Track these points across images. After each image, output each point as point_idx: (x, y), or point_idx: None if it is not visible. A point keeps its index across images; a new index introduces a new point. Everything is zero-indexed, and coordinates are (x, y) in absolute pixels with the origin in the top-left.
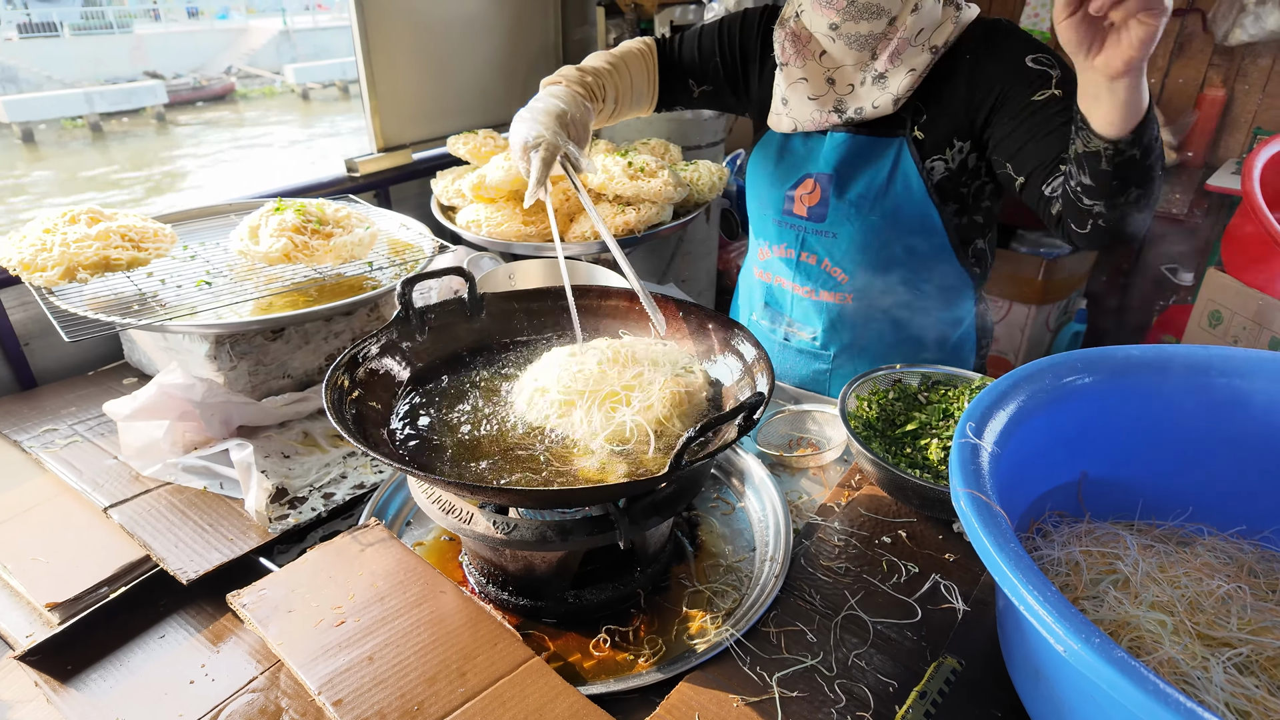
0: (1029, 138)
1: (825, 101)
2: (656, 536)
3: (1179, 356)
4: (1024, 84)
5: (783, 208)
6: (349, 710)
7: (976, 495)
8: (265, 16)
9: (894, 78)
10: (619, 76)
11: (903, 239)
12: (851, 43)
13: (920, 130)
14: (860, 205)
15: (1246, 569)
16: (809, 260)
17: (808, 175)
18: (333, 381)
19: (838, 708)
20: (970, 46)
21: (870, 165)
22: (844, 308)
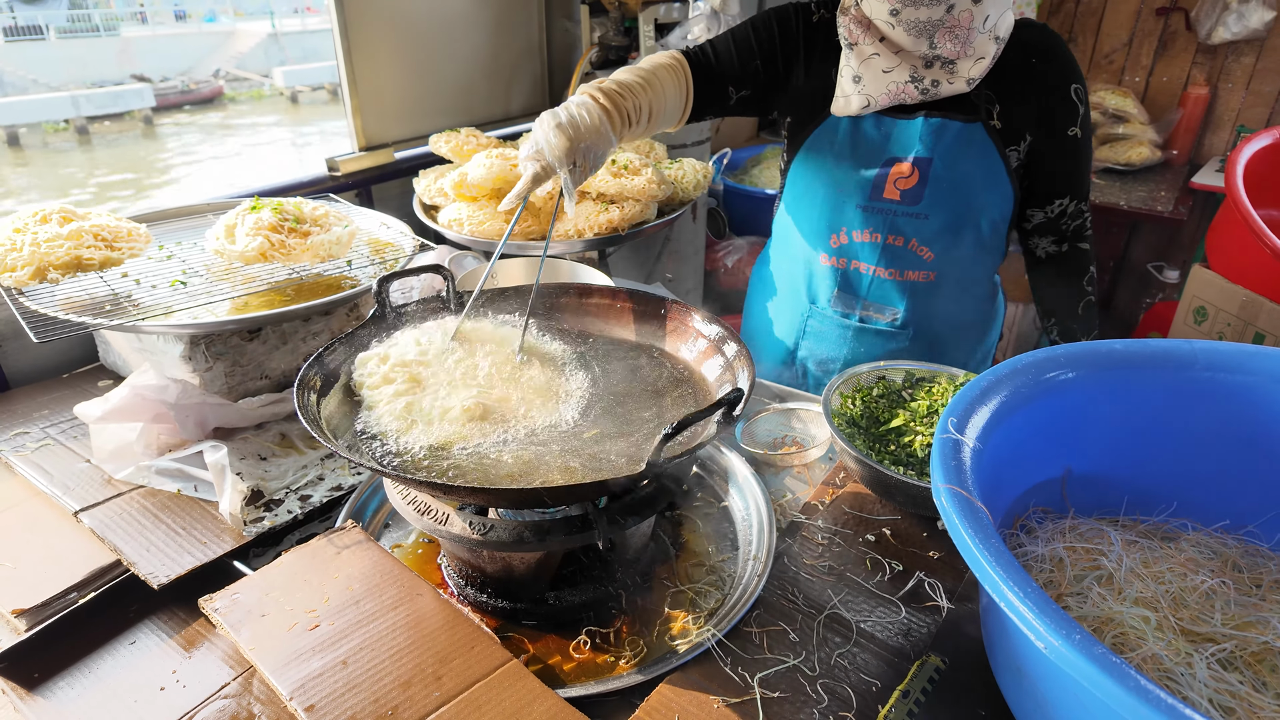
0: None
1: (900, 74)
2: (638, 536)
3: (1163, 351)
4: (1066, 111)
5: (870, 193)
6: (321, 716)
7: (957, 491)
8: (253, 19)
9: (963, 63)
10: (653, 93)
11: (983, 217)
12: (910, 28)
13: (998, 120)
14: (956, 187)
15: (1230, 564)
16: (895, 242)
17: (897, 159)
18: (305, 381)
19: (820, 708)
20: (1032, 49)
21: (962, 148)
22: (927, 285)
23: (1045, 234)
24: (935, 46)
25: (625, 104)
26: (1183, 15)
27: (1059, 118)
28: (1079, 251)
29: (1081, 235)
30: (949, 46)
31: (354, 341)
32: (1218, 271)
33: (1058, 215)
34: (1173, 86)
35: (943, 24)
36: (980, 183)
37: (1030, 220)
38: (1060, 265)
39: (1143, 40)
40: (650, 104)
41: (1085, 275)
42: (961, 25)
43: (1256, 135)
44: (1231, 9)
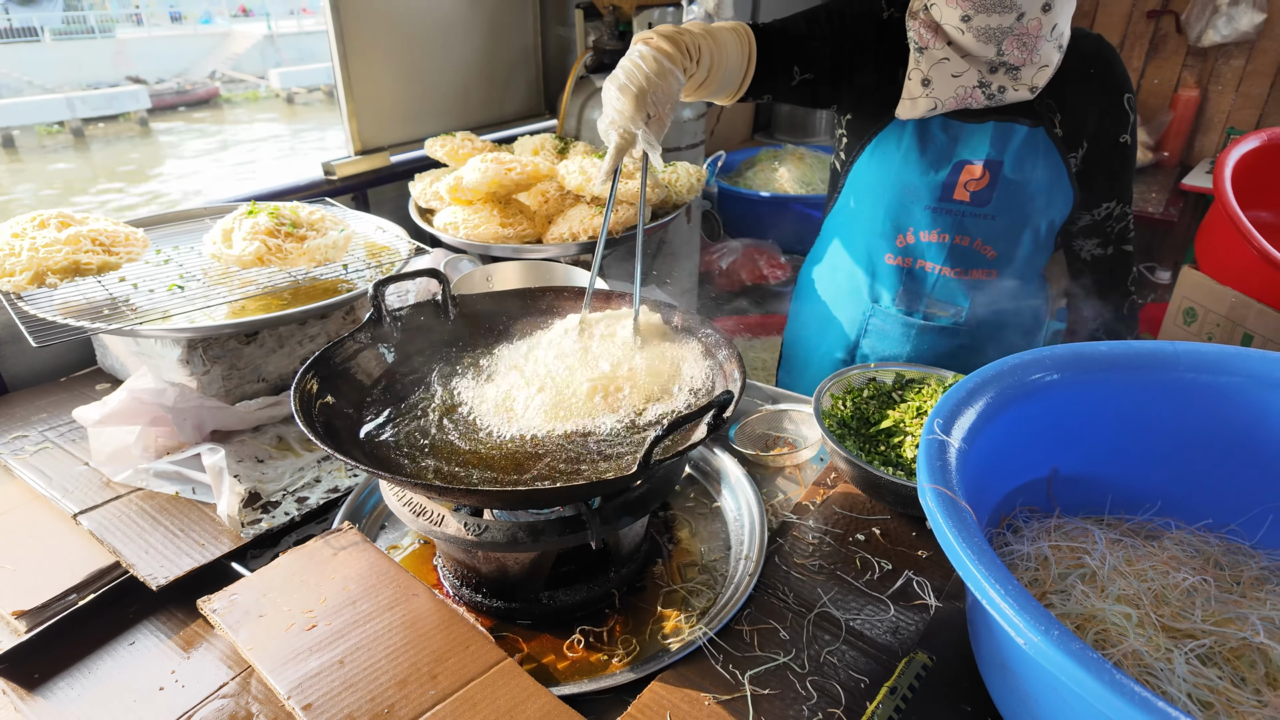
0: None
1: (969, 78)
2: (631, 537)
3: (1146, 353)
4: (1118, 119)
5: (939, 194)
6: (319, 714)
7: (942, 491)
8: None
9: (1027, 70)
10: (713, 41)
11: (1044, 219)
12: (980, 35)
13: (1060, 128)
14: (1023, 190)
15: (1213, 561)
16: (962, 242)
17: (967, 161)
18: (302, 385)
19: (809, 704)
20: (1092, 59)
21: (1028, 153)
22: (988, 284)
23: (1091, 236)
24: (1003, 53)
25: (683, 39)
26: (1173, 18)
27: (1112, 125)
28: (1123, 254)
29: (1125, 238)
30: (1016, 54)
31: (350, 344)
32: (1207, 273)
33: (1104, 219)
34: (1164, 89)
35: (1012, 31)
36: (1045, 186)
37: (1077, 223)
38: (1105, 267)
39: (1134, 42)
40: (711, 51)
41: (1129, 276)
42: (1030, 33)
43: (1245, 138)
44: (1221, 12)
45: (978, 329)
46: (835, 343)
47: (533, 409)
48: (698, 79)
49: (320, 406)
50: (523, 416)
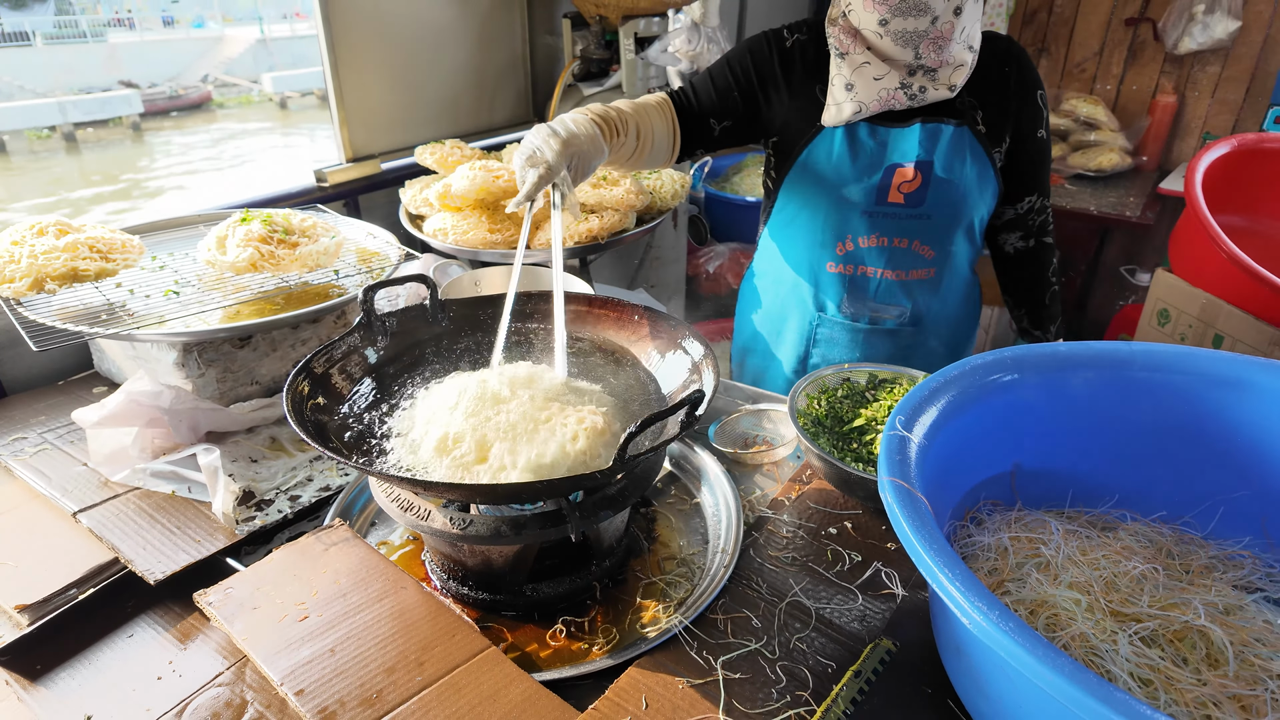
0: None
1: (890, 80)
2: (611, 531)
3: (1103, 353)
4: (1033, 114)
5: (875, 198)
6: (310, 700)
7: (899, 483)
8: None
9: (944, 71)
10: (640, 117)
11: (975, 215)
12: (897, 38)
13: (983, 125)
14: (954, 188)
15: (1164, 551)
16: (900, 244)
17: (898, 165)
18: (294, 387)
19: (778, 688)
20: (1005, 59)
21: (956, 151)
22: (928, 282)
23: (1014, 229)
24: (920, 56)
25: (612, 117)
26: (1151, 25)
27: (1029, 120)
28: (1044, 246)
29: (1045, 230)
30: (932, 56)
31: (340, 348)
32: (1179, 275)
33: (1026, 212)
34: (1142, 95)
35: (927, 34)
36: (975, 182)
37: (1001, 217)
38: (1028, 259)
39: (1113, 50)
40: (638, 126)
41: (1050, 267)
42: (944, 36)
43: (1215, 144)
44: (1197, 20)
45: (922, 328)
46: (787, 354)
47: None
48: (629, 148)
49: (311, 407)
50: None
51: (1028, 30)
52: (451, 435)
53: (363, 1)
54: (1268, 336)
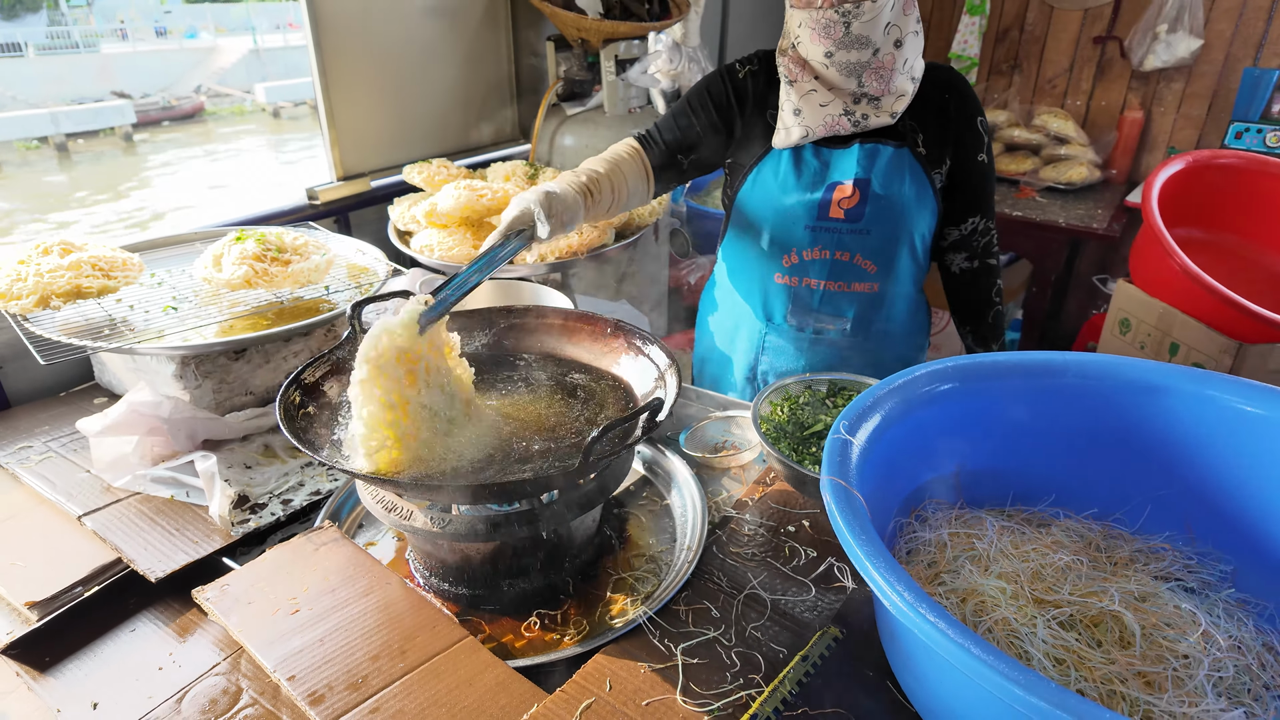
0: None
1: (834, 108)
2: (583, 531)
3: (1037, 363)
4: (974, 139)
5: (817, 214)
6: (301, 685)
7: (838, 481)
8: (235, 35)
9: (886, 99)
10: (615, 175)
11: (916, 233)
12: (842, 69)
13: (923, 147)
14: (892, 205)
15: (1093, 545)
16: (842, 258)
17: (838, 182)
18: (286, 397)
19: (732, 671)
20: (945, 87)
21: (894, 171)
22: (871, 296)
23: (959, 250)
24: (863, 85)
25: (583, 179)
26: (1118, 44)
27: (969, 145)
28: (988, 267)
29: (990, 252)
30: (875, 85)
31: (330, 360)
32: (1139, 286)
33: (970, 233)
34: (1111, 110)
35: (869, 65)
36: (913, 201)
37: (947, 238)
38: (973, 280)
39: (1082, 67)
40: (612, 184)
41: (994, 288)
42: (885, 67)
43: (1171, 160)
44: (1160, 38)
45: (866, 339)
46: (739, 361)
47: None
48: (604, 204)
49: (302, 416)
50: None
51: (1000, 48)
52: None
53: (353, 26)
54: (1219, 345)
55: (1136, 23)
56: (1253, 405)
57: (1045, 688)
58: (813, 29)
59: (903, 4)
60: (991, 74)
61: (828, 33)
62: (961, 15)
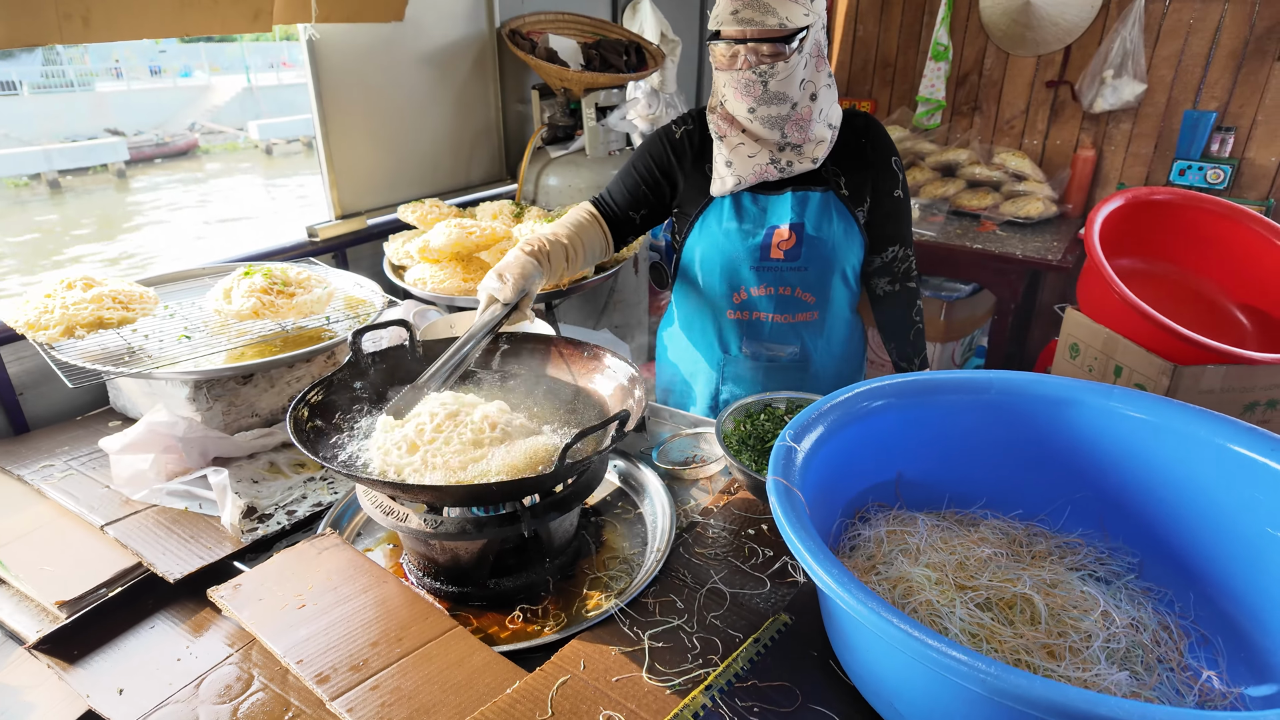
0: (877, 223)
1: (761, 157)
2: (562, 533)
3: (964, 381)
4: (888, 178)
5: (759, 255)
6: (308, 667)
7: (782, 481)
8: (229, 74)
9: (807, 146)
10: (578, 239)
11: (846, 265)
12: (765, 122)
13: (845, 189)
14: (822, 243)
15: (1015, 541)
16: (785, 292)
17: (775, 226)
18: (295, 412)
19: (693, 653)
20: (862, 133)
21: (823, 213)
22: (812, 324)
23: (882, 275)
24: (786, 136)
25: (549, 250)
26: (1069, 87)
27: (885, 183)
28: (908, 290)
29: (909, 276)
30: (796, 134)
31: (331, 384)
32: (1085, 313)
33: (890, 260)
34: (1065, 149)
35: (789, 118)
36: (841, 238)
37: (871, 265)
38: (894, 301)
39: (1037, 109)
40: (568, 247)
41: (914, 308)
42: (804, 118)
43: (1110, 198)
44: (1107, 83)
45: (813, 362)
46: (702, 390)
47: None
48: (559, 270)
49: (310, 429)
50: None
51: (961, 90)
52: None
53: (351, 76)
54: (1158, 367)
55: (1085, 68)
56: (1148, 414)
57: (945, 642)
58: (735, 88)
59: (815, 61)
60: (954, 115)
61: (749, 91)
62: (927, 61)
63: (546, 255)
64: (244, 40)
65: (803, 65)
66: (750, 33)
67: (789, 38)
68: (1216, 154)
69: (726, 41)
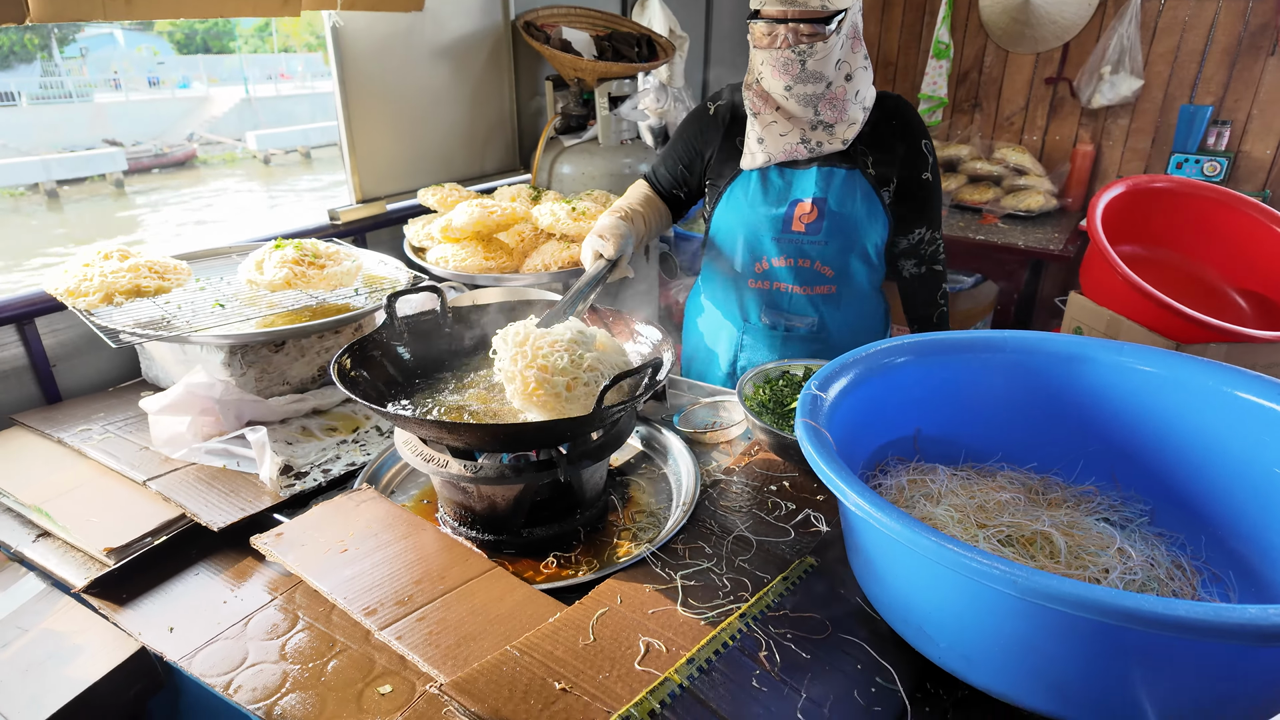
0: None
1: (792, 137)
2: (593, 485)
3: (979, 339)
4: (918, 160)
5: (781, 227)
6: (355, 602)
7: (810, 422)
8: (227, 85)
9: (839, 126)
10: (649, 210)
11: (868, 242)
12: (800, 100)
13: (873, 169)
14: (845, 219)
15: (1031, 490)
16: (804, 264)
17: (799, 200)
18: (339, 362)
19: (723, 591)
20: (893, 114)
21: (847, 190)
22: (831, 297)
23: (909, 257)
24: (819, 114)
25: (633, 217)
26: (1068, 84)
27: (914, 165)
28: (934, 272)
29: (936, 259)
30: (829, 113)
31: (368, 343)
32: (1088, 297)
33: (917, 242)
34: (1064, 144)
35: (824, 96)
36: (864, 215)
37: (898, 246)
38: (920, 283)
39: (1037, 105)
40: (646, 216)
41: (939, 291)
42: (838, 97)
43: (1112, 184)
44: (1105, 79)
45: (830, 335)
46: (722, 357)
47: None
48: (640, 234)
49: (351, 378)
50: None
51: (962, 88)
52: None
53: (373, 65)
54: (1160, 346)
55: (1083, 65)
56: (1157, 368)
57: (964, 547)
58: (773, 66)
59: (851, 43)
60: (955, 112)
61: (786, 69)
62: (928, 59)
63: (632, 220)
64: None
65: (839, 46)
66: (791, 13)
67: (828, 19)
68: (1213, 147)
69: (767, 21)
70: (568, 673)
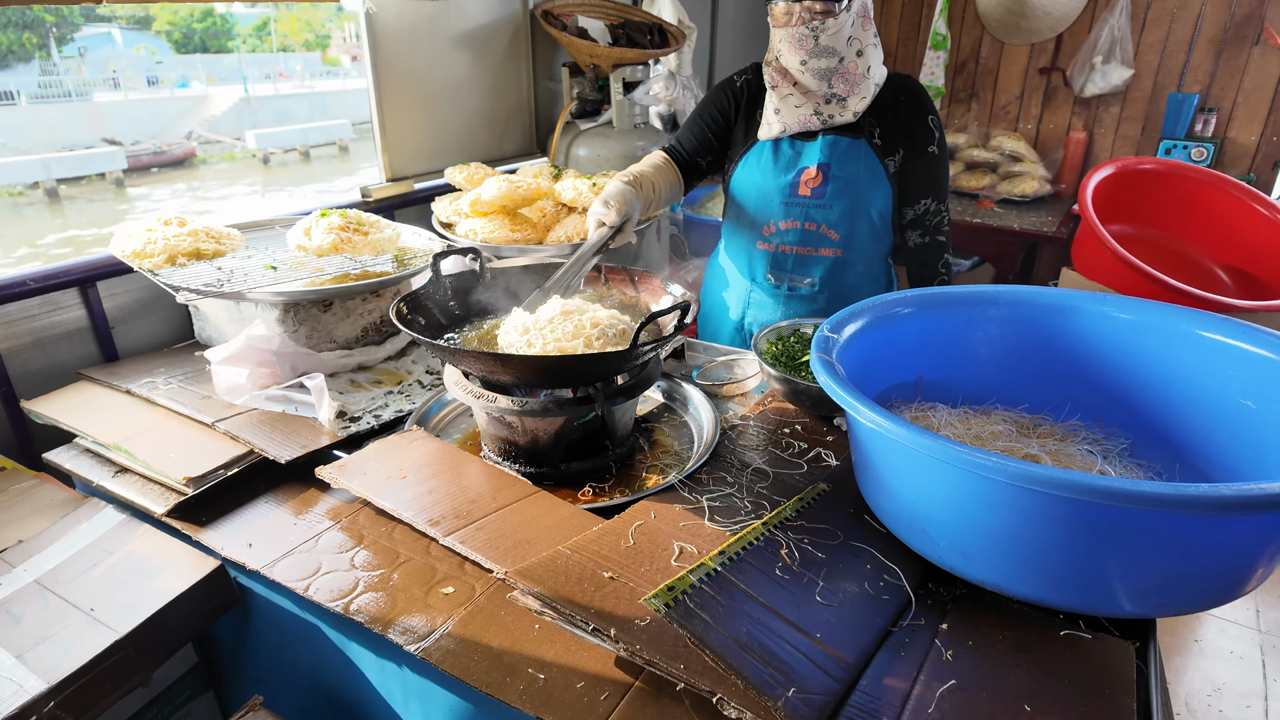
0: (910, 177)
1: (806, 109)
2: (623, 423)
3: (975, 294)
4: (924, 134)
5: (789, 192)
6: (420, 516)
7: (823, 356)
8: (226, 84)
9: (851, 99)
10: (660, 178)
11: (872, 208)
12: (815, 74)
13: (879, 139)
14: (849, 184)
15: (1023, 426)
16: (810, 227)
17: (806, 166)
18: (397, 308)
19: (745, 510)
20: (902, 91)
21: (850, 156)
22: (835, 259)
23: (914, 228)
24: (833, 87)
25: (641, 182)
26: (1061, 74)
27: (920, 138)
28: (937, 243)
29: (940, 229)
30: (842, 87)
31: (418, 295)
32: (1080, 272)
33: (922, 213)
34: (1058, 132)
35: (837, 70)
36: (867, 181)
37: (904, 217)
38: (923, 252)
39: (1031, 94)
40: (654, 183)
41: (941, 260)
42: (850, 72)
43: (1102, 165)
44: (1097, 69)
45: (831, 295)
46: (733, 314)
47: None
48: (648, 201)
49: (408, 319)
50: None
51: (959, 78)
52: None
53: (401, 50)
54: None
55: (1076, 55)
56: (1137, 315)
57: (962, 445)
58: (790, 42)
59: (861, 21)
60: (952, 102)
61: (801, 44)
62: (926, 50)
63: (640, 186)
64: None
65: (850, 23)
66: None
67: None
68: (1200, 134)
69: (785, 1)
70: (614, 566)
